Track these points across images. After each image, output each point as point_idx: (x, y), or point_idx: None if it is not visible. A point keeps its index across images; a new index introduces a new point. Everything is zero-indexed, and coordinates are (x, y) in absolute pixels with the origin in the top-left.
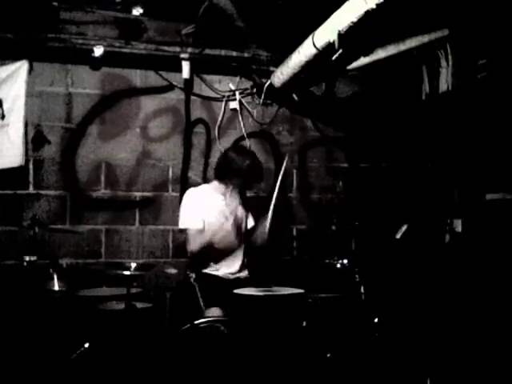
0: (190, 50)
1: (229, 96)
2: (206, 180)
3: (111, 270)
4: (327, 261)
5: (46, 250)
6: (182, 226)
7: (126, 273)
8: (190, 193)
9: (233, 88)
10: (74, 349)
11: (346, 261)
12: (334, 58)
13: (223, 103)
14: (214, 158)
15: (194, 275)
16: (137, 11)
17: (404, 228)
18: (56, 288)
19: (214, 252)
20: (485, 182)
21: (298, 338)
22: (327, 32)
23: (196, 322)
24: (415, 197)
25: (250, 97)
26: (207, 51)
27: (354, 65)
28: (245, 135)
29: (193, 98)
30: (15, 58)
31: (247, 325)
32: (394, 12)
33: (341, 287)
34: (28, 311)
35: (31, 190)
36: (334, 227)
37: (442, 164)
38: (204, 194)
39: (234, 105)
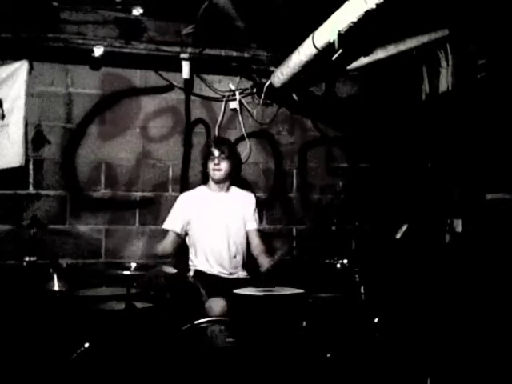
0: (190, 50)
1: (229, 96)
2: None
3: (111, 270)
4: (327, 261)
5: (45, 250)
6: (163, 226)
7: (126, 273)
8: (181, 197)
9: (233, 88)
10: (74, 349)
11: (345, 261)
12: (333, 58)
13: (223, 103)
14: None
15: (191, 273)
16: (137, 11)
17: (404, 228)
18: (56, 288)
19: (207, 251)
20: (485, 182)
21: (298, 338)
22: (327, 32)
23: (196, 321)
24: (415, 197)
25: (250, 97)
26: (207, 51)
27: (354, 65)
28: (245, 135)
29: (193, 97)
30: (15, 58)
31: (247, 325)
32: (393, 12)
33: (341, 287)
34: (28, 311)
35: (31, 190)
36: (333, 227)
37: (442, 164)
38: (196, 197)
39: (233, 105)
